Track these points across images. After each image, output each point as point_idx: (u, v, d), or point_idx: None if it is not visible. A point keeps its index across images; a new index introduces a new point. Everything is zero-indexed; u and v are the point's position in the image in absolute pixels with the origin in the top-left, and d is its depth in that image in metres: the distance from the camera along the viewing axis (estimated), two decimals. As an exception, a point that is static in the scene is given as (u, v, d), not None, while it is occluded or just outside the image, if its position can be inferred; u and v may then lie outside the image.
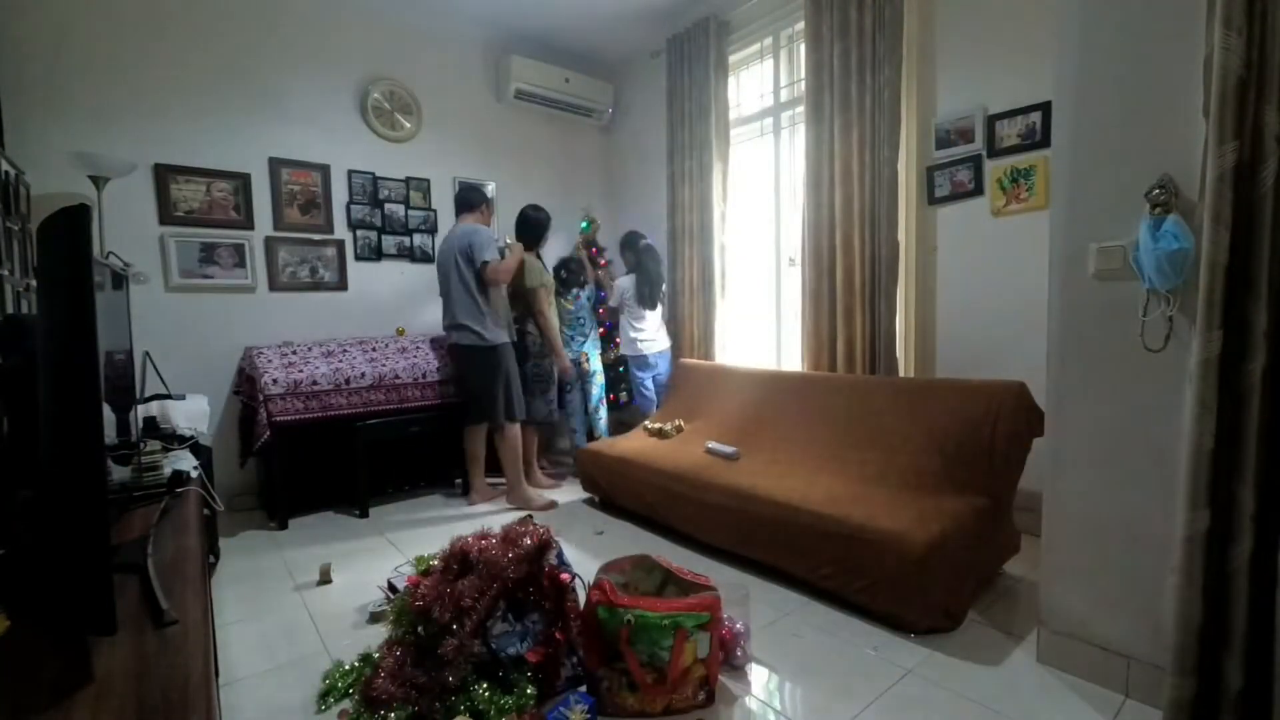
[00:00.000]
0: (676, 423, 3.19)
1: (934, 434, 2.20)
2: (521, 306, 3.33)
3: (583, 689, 1.53)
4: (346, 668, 1.62)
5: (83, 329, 0.76)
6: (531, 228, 3.33)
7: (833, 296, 2.99)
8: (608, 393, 3.91)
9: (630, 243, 3.77)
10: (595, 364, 3.72)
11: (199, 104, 3.07)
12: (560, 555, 1.76)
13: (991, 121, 2.54)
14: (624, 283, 3.71)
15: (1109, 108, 1.47)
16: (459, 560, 1.52)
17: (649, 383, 3.74)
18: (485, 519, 2.97)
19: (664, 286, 3.80)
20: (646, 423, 3.34)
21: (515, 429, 3.12)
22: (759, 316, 3.76)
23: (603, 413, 3.78)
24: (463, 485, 3.33)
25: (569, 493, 3.36)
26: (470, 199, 3.20)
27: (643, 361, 3.70)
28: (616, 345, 3.94)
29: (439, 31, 3.83)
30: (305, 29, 3.37)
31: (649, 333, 3.67)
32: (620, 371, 4.02)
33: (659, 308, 3.72)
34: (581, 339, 3.66)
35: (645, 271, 3.65)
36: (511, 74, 3.91)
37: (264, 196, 3.28)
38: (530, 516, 1.81)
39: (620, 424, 4.00)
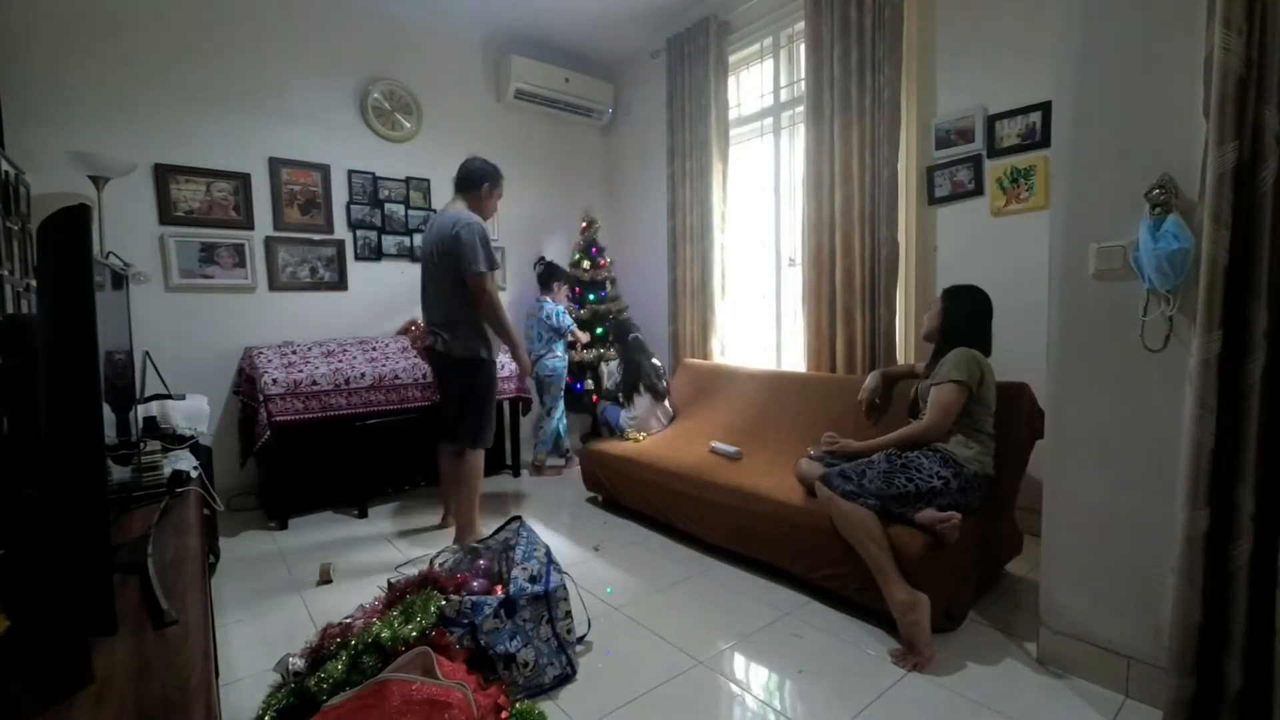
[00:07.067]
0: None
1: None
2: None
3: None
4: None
5: (83, 329, 0.76)
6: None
7: (833, 296, 2.99)
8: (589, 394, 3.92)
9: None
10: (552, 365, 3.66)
11: (199, 104, 3.07)
12: (549, 556, 1.77)
13: (991, 121, 2.54)
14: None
15: (1109, 108, 1.47)
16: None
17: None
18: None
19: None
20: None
21: (480, 456, 2.58)
22: (759, 316, 3.75)
23: (557, 418, 3.72)
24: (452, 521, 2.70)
25: (571, 491, 3.36)
26: (471, 176, 2.56)
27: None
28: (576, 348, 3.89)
29: (439, 31, 3.83)
30: (305, 29, 3.37)
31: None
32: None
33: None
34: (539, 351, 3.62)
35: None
36: (511, 74, 3.92)
37: (264, 196, 3.29)
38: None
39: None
